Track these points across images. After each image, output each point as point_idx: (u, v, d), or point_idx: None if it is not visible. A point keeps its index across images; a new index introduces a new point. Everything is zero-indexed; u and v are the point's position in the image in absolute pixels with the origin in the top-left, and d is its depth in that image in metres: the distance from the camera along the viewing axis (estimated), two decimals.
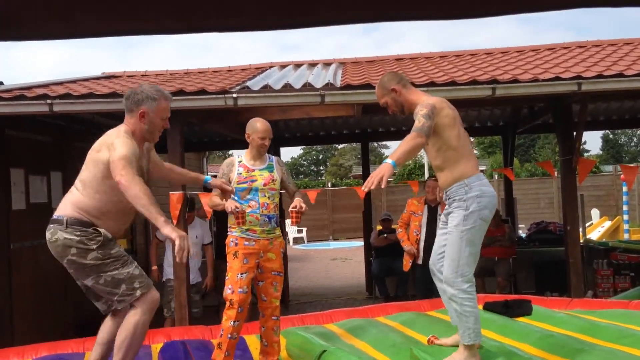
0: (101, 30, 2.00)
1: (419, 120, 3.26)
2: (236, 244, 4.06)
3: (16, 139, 6.25)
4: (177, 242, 3.04)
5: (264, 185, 4.14)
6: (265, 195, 4.13)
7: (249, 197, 4.10)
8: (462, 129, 3.45)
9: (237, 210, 3.96)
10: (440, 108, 3.35)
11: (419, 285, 6.89)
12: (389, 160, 3.14)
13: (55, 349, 4.57)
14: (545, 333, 3.96)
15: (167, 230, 3.08)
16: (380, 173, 3.06)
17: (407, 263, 6.86)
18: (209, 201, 4.20)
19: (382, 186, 3.06)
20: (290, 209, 4.07)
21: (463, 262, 3.28)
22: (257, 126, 4.19)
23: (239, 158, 4.26)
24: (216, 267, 6.71)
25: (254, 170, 4.16)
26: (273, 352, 4.16)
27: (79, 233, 3.24)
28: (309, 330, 4.58)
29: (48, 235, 3.31)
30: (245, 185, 4.11)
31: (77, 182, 3.38)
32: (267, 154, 4.32)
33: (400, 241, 6.94)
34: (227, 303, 4.02)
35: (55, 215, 3.35)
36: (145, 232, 9.39)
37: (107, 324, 3.51)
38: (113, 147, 3.23)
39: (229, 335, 3.98)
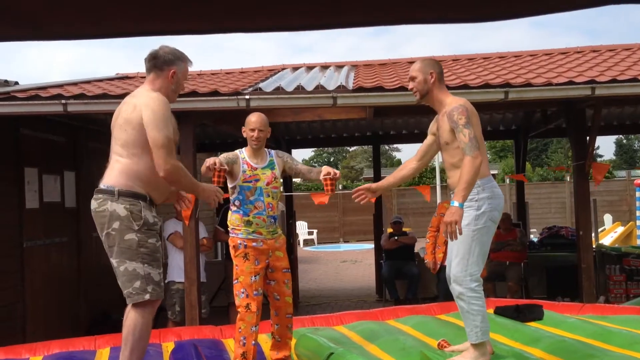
0: (124, 30, 2.00)
1: (463, 133, 3.24)
2: (245, 246, 3.98)
3: (30, 138, 6.32)
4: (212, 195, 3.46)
5: (267, 184, 4.07)
6: (269, 195, 4.06)
7: (254, 197, 4.02)
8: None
9: (214, 167, 3.80)
10: (471, 109, 3.37)
11: (442, 287, 6.81)
12: (456, 204, 3.15)
13: (67, 346, 4.60)
14: (556, 338, 3.94)
15: (202, 191, 3.46)
16: (453, 219, 3.12)
17: (435, 266, 6.64)
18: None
19: (460, 233, 3.14)
20: (323, 176, 3.97)
21: (472, 261, 3.29)
22: (248, 119, 4.13)
23: (242, 154, 4.14)
24: (226, 267, 6.73)
25: (256, 169, 4.08)
26: (286, 347, 4.17)
27: (128, 206, 3.16)
28: (318, 332, 4.58)
29: (94, 204, 3.20)
30: (250, 185, 4.03)
31: (117, 149, 3.25)
32: (266, 151, 4.22)
33: (423, 252, 6.75)
34: (243, 309, 3.91)
35: (104, 185, 3.21)
36: None
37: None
38: (150, 111, 3.15)
39: (253, 342, 3.91)
